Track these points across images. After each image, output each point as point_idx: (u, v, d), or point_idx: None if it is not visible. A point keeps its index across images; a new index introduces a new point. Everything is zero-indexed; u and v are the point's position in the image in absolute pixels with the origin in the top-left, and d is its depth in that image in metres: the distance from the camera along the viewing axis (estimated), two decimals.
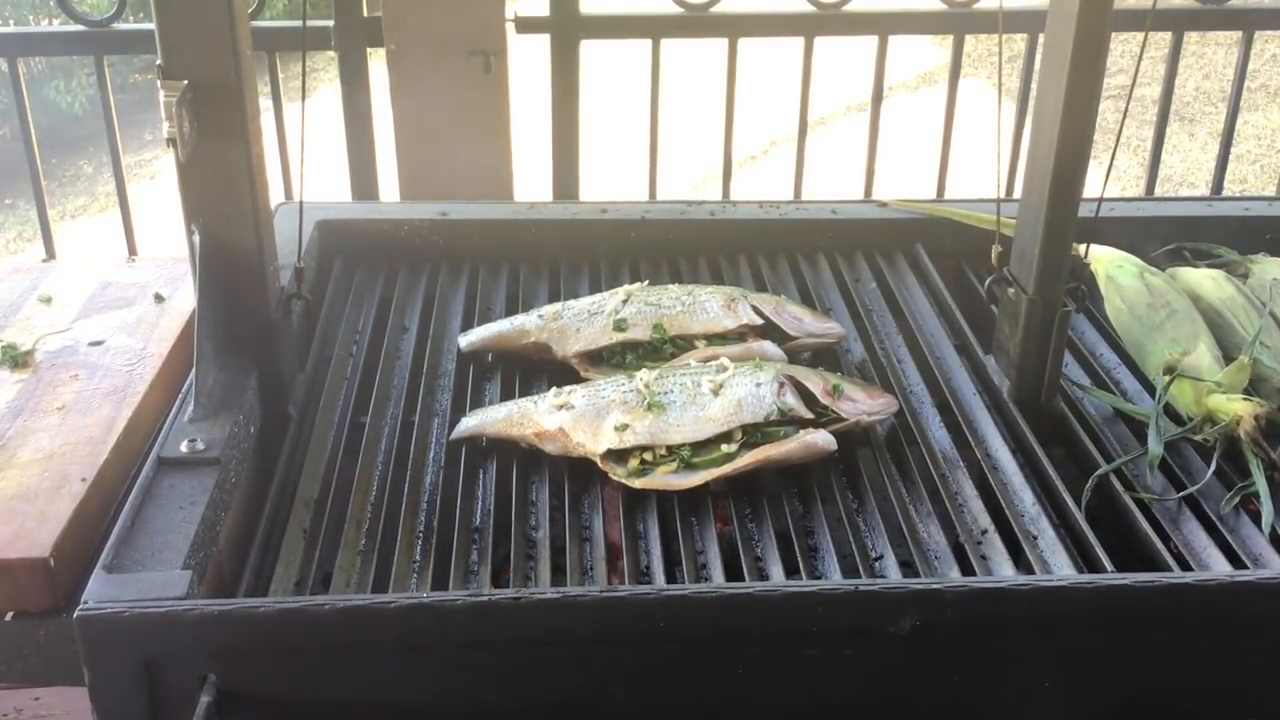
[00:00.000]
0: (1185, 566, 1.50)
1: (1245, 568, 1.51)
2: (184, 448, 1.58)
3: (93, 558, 1.45)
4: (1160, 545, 1.52)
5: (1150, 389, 1.87)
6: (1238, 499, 1.61)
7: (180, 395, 1.71)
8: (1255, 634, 1.44)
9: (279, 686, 1.38)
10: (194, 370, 1.67)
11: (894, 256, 2.31)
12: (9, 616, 1.51)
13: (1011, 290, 1.85)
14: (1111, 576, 1.43)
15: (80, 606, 1.32)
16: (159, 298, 2.10)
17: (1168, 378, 1.80)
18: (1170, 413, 1.80)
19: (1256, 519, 1.58)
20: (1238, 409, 1.70)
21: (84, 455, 1.67)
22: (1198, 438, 1.74)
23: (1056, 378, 1.84)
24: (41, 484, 1.61)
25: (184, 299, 2.07)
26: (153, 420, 1.80)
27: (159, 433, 1.66)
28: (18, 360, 1.90)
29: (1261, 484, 1.61)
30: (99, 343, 1.96)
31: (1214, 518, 1.60)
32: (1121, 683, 1.45)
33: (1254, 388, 1.80)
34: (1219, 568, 1.51)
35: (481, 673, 1.39)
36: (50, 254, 2.94)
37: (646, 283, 2.06)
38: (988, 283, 1.91)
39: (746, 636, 1.40)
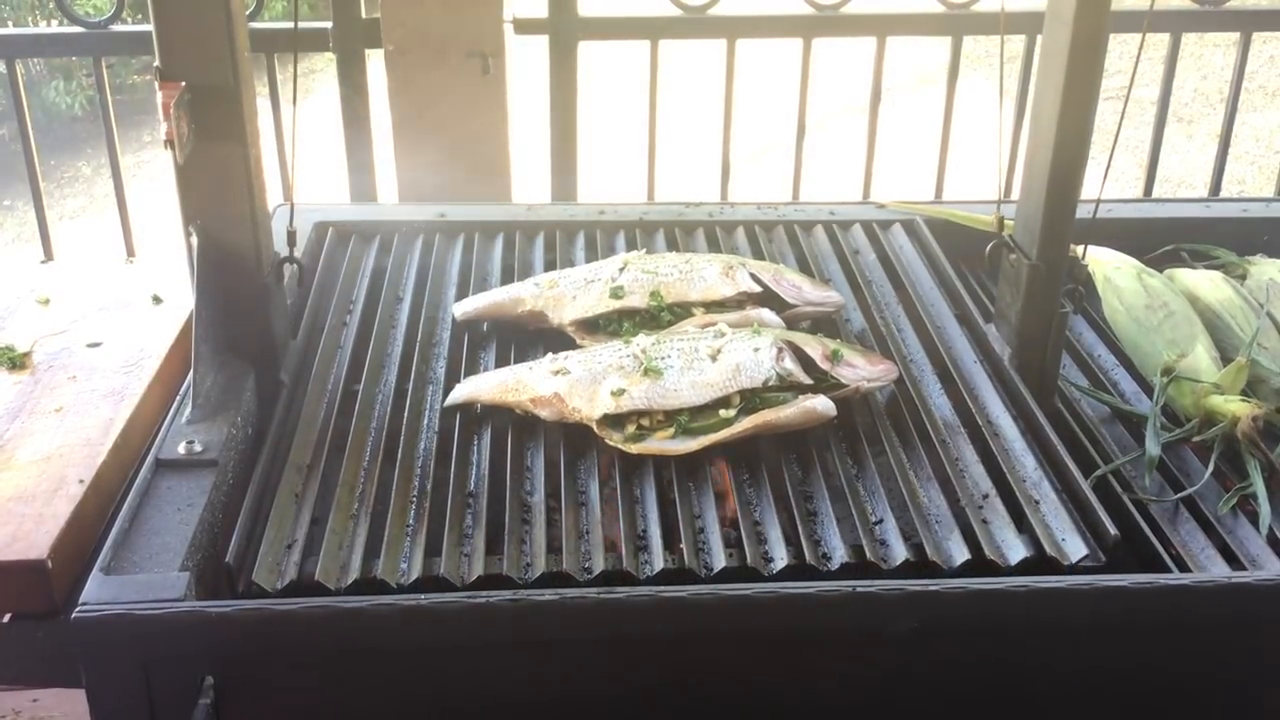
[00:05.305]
0: (1183, 568, 1.50)
1: (1243, 569, 1.51)
2: (182, 449, 1.58)
3: (90, 559, 1.44)
4: (1159, 546, 1.52)
5: (1148, 390, 1.87)
6: (1235, 500, 1.61)
7: (178, 397, 1.71)
8: (1253, 635, 1.45)
9: (276, 688, 1.38)
10: (192, 372, 1.67)
11: (893, 228, 2.31)
12: (7, 618, 1.51)
13: (1013, 256, 1.84)
14: (1110, 578, 1.43)
15: (78, 608, 1.32)
16: (157, 299, 2.09)
17: (1166, 379, 1.80)
18: (1168, 414, 1.80)
19: (1254, 520, 1.58)
20: (1235, 410, 1.70)
21: (82, 457, 1.67)
22: (1196, 439, 1.74)
23: (1054, 379, 1.84)
24: (39, 486, 1.60)
25: (182, 301, 2.07)
26: (150, 422, 1.80)
27: (157, 434, 1.66)
28: (15, 362, 1.90)
29: (1259, 485, 1.61)
30: (97, 344, 1.95)
31: (1212, 519, 1.60)
32: (1120, 683, 1.45)
33: (1252, 389, 1.80)
34: (1217, 569, 1.51)
35: (480, 673, 1.39)
36: (48, 255, 2.93)
37: (644, 251, 2.06)
38: (988, 249, 1.91)
39: (744, 638, 1.40)
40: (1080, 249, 1.86)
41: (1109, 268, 2.10)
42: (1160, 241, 2.27)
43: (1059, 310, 1.80)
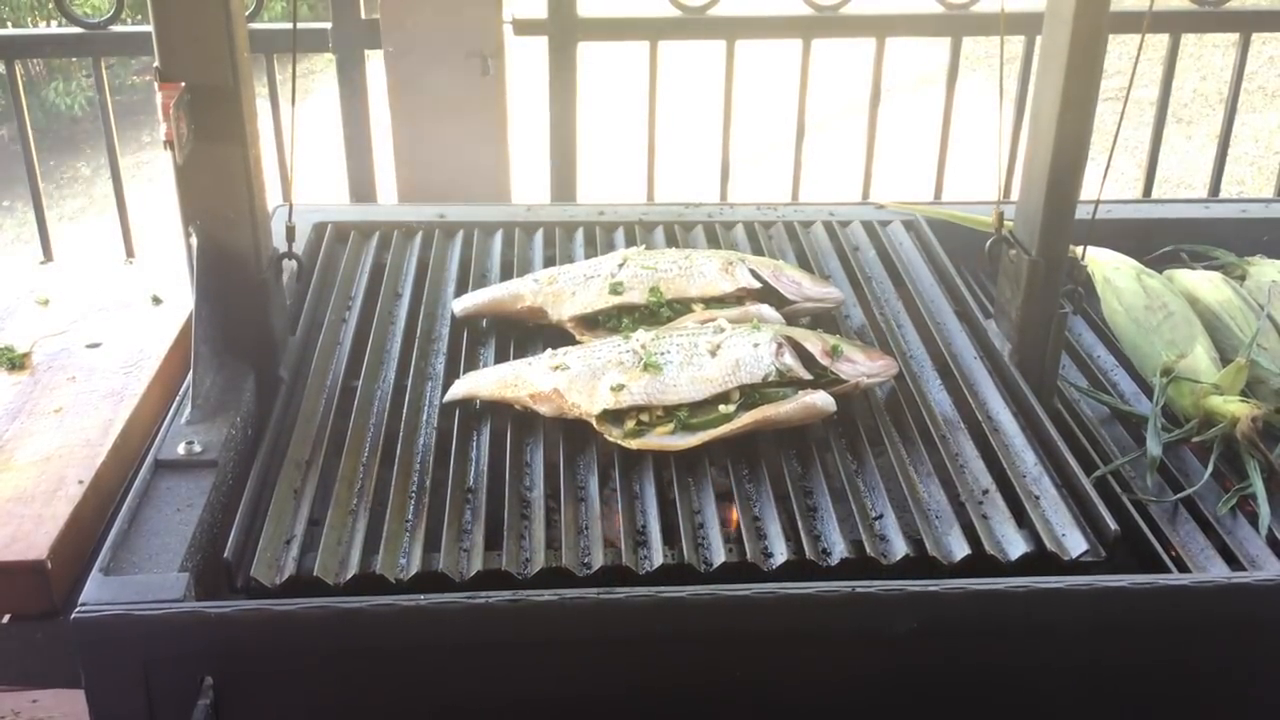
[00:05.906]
0: (1183, 568, 1.50)
1: (1243, 569, 1.51)
2: (181, 450, 1.58)
3: (90, 560, 1.45)
4: (1158, 547, 1.52)
5: (1147, 391, 1.87)
6: (1234, 501, 1.61)
7: (177, 397, 1.71)
8: (1253, 635, 1.45)
9: (276, 688, 1.38)
10: (191, 372, 1.67)
11: (892, 225, 2.31)
12: (6, 619, 1.51)
13: (1013, 252, 1.85)
14: (1109, 579, 1.43)
15: (77, 609, 1.32)
16: (156, 300, 2.09)
17: (1165, 380, 1.80)
18: (1167, 414, 1.80)
19: (1253, 520, 1.58)
20: (1235, 411, 1.70)
21: (81, 458, 1.67)
22: (1195, 439, 1.74)
23: (1054, 379, 1.84)
24: (38, 486, 1.60)
25: (181, 301, 2.07)
26: (150, 422, 1.80)
27: (156, 435, 1.66)
28: (15, 362, 1.90)
29: (1258, 486, 1.61)
30: (96, 345, 1.96)
31: (1211, 519, 1.60)
32: (1119, 684, 1.45)
33: (1251, 390, 1.80)
34: (1216, 570, 1.51)
35: (480, 673, 1.39)
36: (48, 256, 2.93)
37: (643, 247, 2.06)
38: (988, 244, 1.91)
39: (744, 638, 1.40)
40: (1080, 250, 1.86)
41: (1108, 268, 2.10)
42: (1160, 242, 2.27)
43: (1058, 311, 1.80)
